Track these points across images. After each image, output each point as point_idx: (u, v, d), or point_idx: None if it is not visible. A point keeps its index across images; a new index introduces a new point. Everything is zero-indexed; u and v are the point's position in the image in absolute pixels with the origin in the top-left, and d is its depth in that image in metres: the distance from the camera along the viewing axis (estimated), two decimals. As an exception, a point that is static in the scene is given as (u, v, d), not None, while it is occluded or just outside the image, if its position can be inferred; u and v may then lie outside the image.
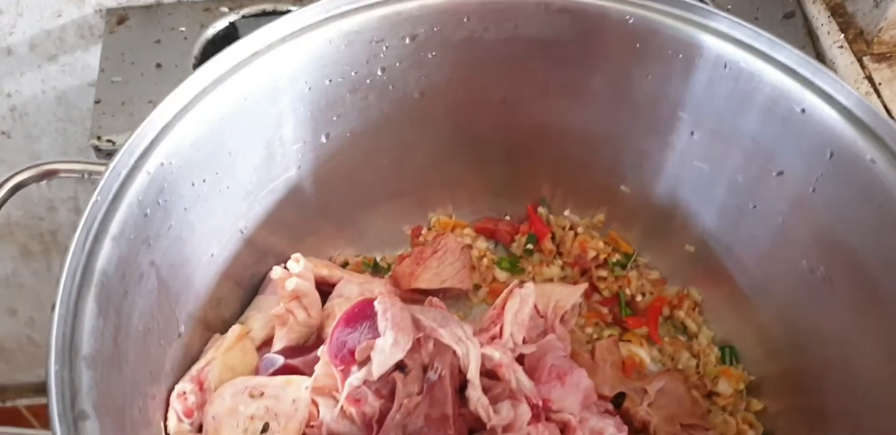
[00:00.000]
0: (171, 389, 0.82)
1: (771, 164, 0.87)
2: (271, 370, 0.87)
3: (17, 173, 0.74)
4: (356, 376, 0.80)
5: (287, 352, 0.89)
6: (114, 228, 0.71)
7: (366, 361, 0.81)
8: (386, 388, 0.82)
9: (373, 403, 0.81)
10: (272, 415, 0.79)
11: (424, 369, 0.83)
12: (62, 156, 1.19)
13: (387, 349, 0.80)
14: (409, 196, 1.08)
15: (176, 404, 0.80)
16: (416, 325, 0.84)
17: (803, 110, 0.81)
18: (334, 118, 0.92)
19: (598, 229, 1.09)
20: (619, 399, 0.94)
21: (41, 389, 1.49)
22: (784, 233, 0.90)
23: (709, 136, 0.91)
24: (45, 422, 1.54)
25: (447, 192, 1.09)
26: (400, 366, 0.82)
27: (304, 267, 0.92)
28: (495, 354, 0.83)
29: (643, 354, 1.00)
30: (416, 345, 0.83)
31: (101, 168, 0.74)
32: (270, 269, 0.92)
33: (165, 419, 0.80)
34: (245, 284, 0.96)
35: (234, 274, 0.93)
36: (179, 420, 0.80)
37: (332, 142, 0.94)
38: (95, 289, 0.67)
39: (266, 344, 0.93)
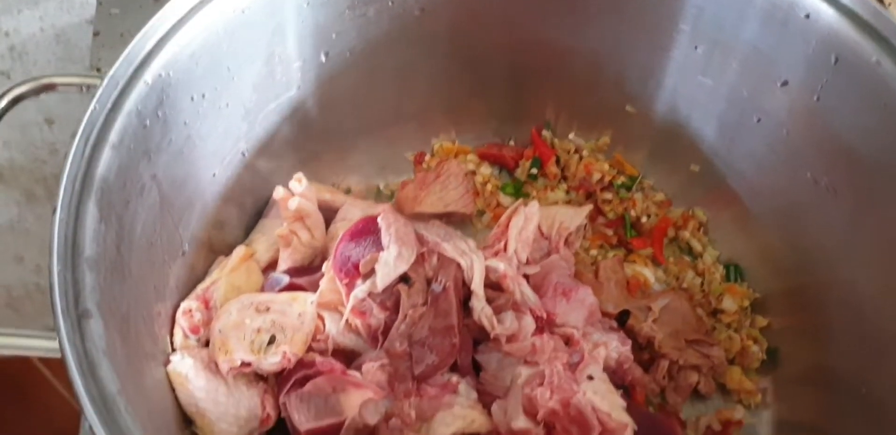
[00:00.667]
0: (177, 307, 0.82)
1: (774, 74, 0.86)
2: (277, 289, 0.87)
3: (15, 86, 0.74)
4: (361, 289, 0.81)
5: (292, 272, 0.89)
6: (113, 136, 0.70)
7: (370, 273, 0.81)
8: (390, 300, 0.82)
9: (378, 316, 0.81)
10: (278, 328, 0.80)
11: (428, 282, 0.84)
12: (62, 97, 1.17)
13: (391, 262, 0.80)
14: (411, 121, 1.07)
15: (182, 321, 0.81)
16: (420, 239, 0.85)
17: (807, 15, 0.80)
18: (333, 36, 0.90)
19: (603, 152, 1.08)
20: (623, 317, 0.94)
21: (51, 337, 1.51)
22: (788, 145, 0.89)
23: (710, 49, 0.90)
24: (56, 371, 1.54)
25: (450, 117, 1.08)
26: (404, 278, 0.83)
27: (307, 187, 0.91)
28: (500, 265, 0.83)
29: (648, 273, 1.00)
30: (420, 258, 0.84)
31: (99, 81, 0.73)
32: (272, 192, 0.92)
33: (171, 335, 0.80)
34: (248, 209, 0.96)
35: (237, 197, 0.92)
36: (185, 336, 0.80)
37: (332, 61, 0.93)
38: (96, 195, 0.67)
39: (271, 266, 0.93)
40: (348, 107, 0.99)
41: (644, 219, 1.03)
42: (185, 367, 0.75)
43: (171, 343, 0.79)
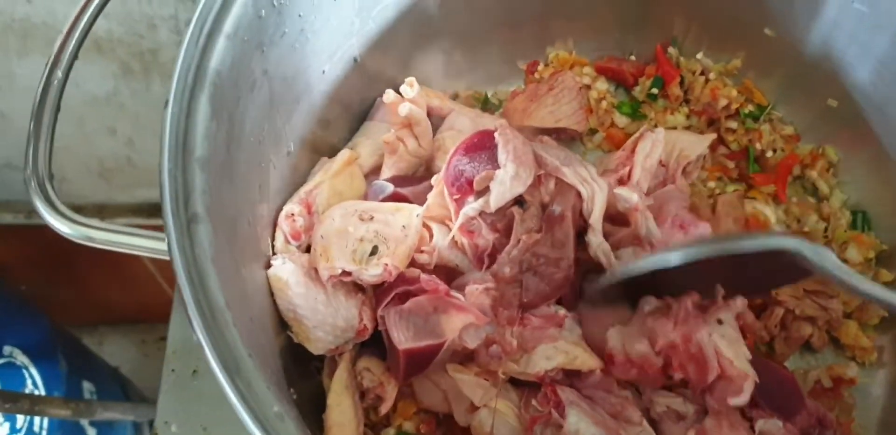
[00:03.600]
0: (279, 210, 0.78)
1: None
2: (381, 197, 0.83)
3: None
4: (472, 206, 0.76)
5: (396, 181, 0.85)
6: (228, 26, 0.65)
7: (484, 191, 0.76)
8: (502, 222, 0.78)
9: (486, 236, 0.77)
10: (381, 239, 0.76)
11: (543, 208, 0.79)
12: None
13: (507, 181, 0.75)
14: (527, 26, 0.99)
15: (284, 225, 0.78)
16: (539, 161, 0.79)
17: None
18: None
19: (731, 76, 1.00)
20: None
21: (138, 209, 1.52)
22: None
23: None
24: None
25: (569, 24, 1.00)
26: (519, 201, 0.78)
27: (418, 93, 0.86)
28: (633, 196, 0.77)
29: (769, 212, 0.92)
30: (537, 181, 0.78)
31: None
32: (380, 94, 0.87)
33: (273, 239, 0.77)
34: (354, 109, 0.91)
35: (344, 96, 0.87)
36: (287, 241, 0.77)
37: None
38: (209, 90, 0.63)
39: (374, 172, 0.89)
40: (463, 5, 0.91)
41: (769, 153, 0.95)
42: (285, 272, 0.72)
43: (273, 247, 0.76)
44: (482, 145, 0.78)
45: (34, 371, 1.30)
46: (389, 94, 0.84)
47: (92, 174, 1.43)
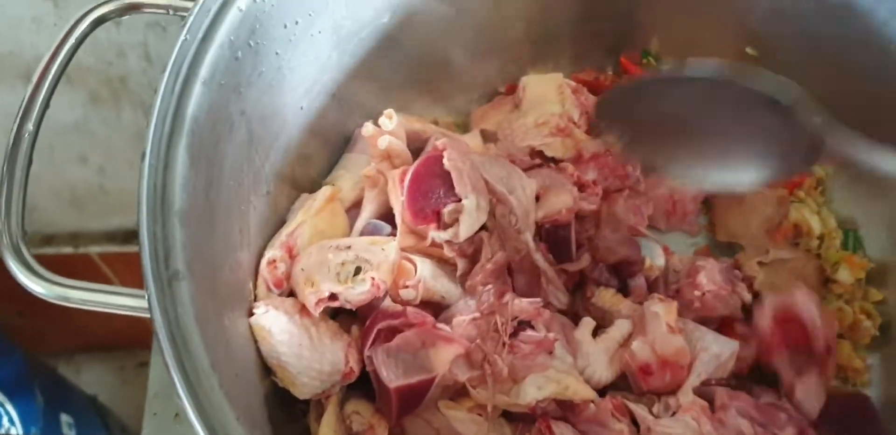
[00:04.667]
0: (259, 254, 0.76)
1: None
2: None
3: (98, 6, 0.66)
4: (441, 235, 0.77)
5: (389, 219, 0.83)
6: (204, 71, 0.63)
7: (453, 222, 0.77)
8: (470, 248, 0.79)
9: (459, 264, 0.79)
10: (363, 260, 0.75)
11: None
12: None
13: (474, 213, 0.76)
14: (507, 52, 0.97)
15: (265, 273, 0.75)
16: (488, 187, 0.80)
17: None
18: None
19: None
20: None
21: (112, 236, 1.50)
22: None
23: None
24: (116, 269, 1.54)
25: (548, 48, 0.98)
26: (483, 226, 0.79)
27: (397, 124, 0.84)
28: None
29: (815, 223, 0.91)
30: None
31: (188, 3, 0.66)
32: (359, 125, 0.85)
33: (255, 286, 0.75)
34: (333, 142, 0.89)
35: (322, 130, 0.86)
36: (269, 289, 0.75)
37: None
38: (187, 138, 0.61)
39: (356, 206, 0.86)
40: (441, 35, 0.90)
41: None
42: (268, 320, 0.70)
43: (255, 296, 0.74)
44: (432, 173, 0.78)
45: (10, 408, 1.27)
46: (368, 128, 0.83)
47: (63, 203, 1.41)
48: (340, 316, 0.79)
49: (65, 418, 1.38)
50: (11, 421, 1.26)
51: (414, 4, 0.85)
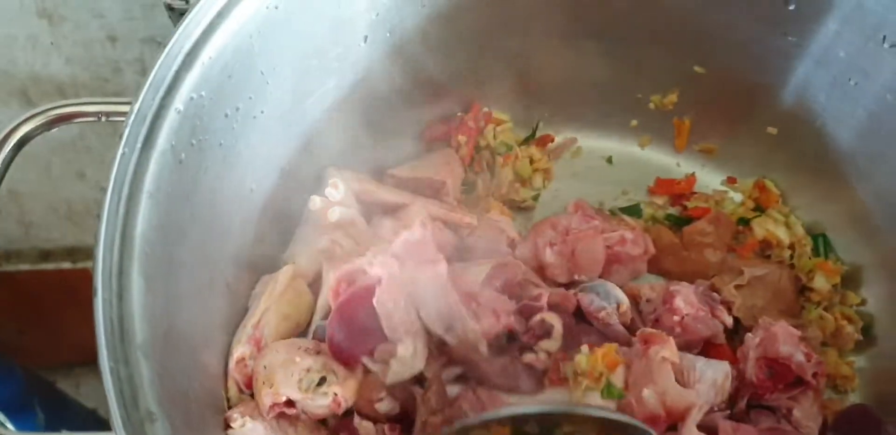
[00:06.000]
0: (226, 353, 0.73)
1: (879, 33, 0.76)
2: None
3: (21, 123, 0.61)
4: (371, 365, 0.72)
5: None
6: (149, 184, 0.60)
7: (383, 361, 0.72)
8: (402, 393, 0.74)
9: (389, 404, 0.74)
10: (329, 369, 0.71)
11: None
12: (125, 14, 1.06)
13: (408, 360, 0.71)
14: (447, 99, 0.95)
15: (235, 374, 0.72)
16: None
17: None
18: (374, 16, 0.78)
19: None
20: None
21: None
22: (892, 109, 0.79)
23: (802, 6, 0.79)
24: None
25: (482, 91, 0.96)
26: (419, 379, 0.73)
27: (345, 193, 0.81)
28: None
29: (782, 234, 0.91)
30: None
31: (122, 108, 0.62)
32: (307, 198, 0.82)
33: (226, 390, 0.72)
34: (286, 217, 0.85)
35: (274, 207, 0.82)
36: (240, 391, 0.72)
37: (371, 45, 0.81)
38: (139, 261, 0.57)
39: (318, 279, 0.82)
40: (389, 94, 0.87)
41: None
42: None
43: (228, 400, 0.70)
44: (363, 307, 0.72)
45: (11, 426, 1.24)
46: (315, 201, 0.80)
47: (61, 218, 1.41)
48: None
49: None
50: (11, 439, 1.24)
51: (357, 64, 0.83)
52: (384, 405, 0.72)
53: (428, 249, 0.74)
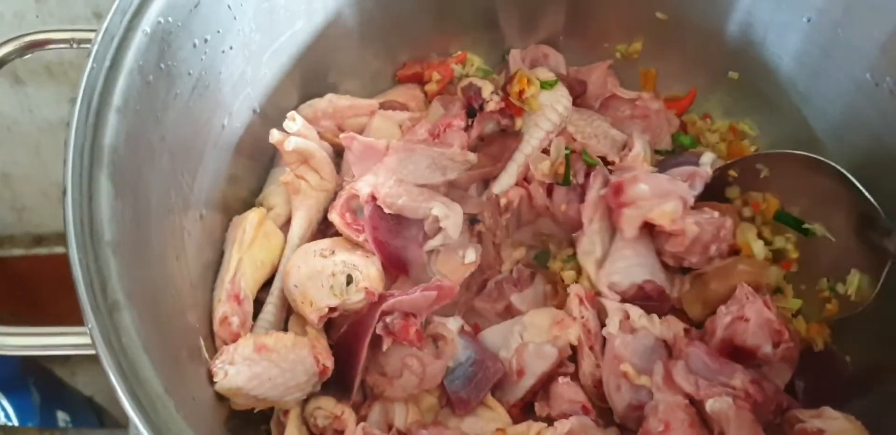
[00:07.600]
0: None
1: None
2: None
3: (-2, 47, 0.64)
4: (432, 244, 0.82)
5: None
6: (117, 99, 0.62)
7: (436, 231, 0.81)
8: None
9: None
10: (351, 266, 0.77)
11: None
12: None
13: (447, 212, 0.80)
14: (421, 46, 0.98)
15: (221, 332, 0.74)
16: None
17: None
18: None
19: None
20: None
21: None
22: (842, 45, 0.82)
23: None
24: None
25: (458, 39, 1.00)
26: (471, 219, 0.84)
27: (303, 125, 0.84)
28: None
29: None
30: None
31: (91, 34, 0.64)
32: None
33: (212, 343, 0.74)
34: (260, 159, 0.88)
35: (247, 147, 0.85)
36: (224, 343, 0.74)
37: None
38: (108, 168, 0.60)
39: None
40: (357, 42, 0.90)
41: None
42: (232, 381, 0.69)
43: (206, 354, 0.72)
44: (384, 217, 0.81)
45: (6, 403, 1.26)
46: (274, 134, 0.82)
47: (52, 202, 1.40)
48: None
49: (62, 416, 1.38)
50: (8, 417, 1.26)
51: (326, 7, 0.86)
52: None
53: (375, 146, 0.82)
